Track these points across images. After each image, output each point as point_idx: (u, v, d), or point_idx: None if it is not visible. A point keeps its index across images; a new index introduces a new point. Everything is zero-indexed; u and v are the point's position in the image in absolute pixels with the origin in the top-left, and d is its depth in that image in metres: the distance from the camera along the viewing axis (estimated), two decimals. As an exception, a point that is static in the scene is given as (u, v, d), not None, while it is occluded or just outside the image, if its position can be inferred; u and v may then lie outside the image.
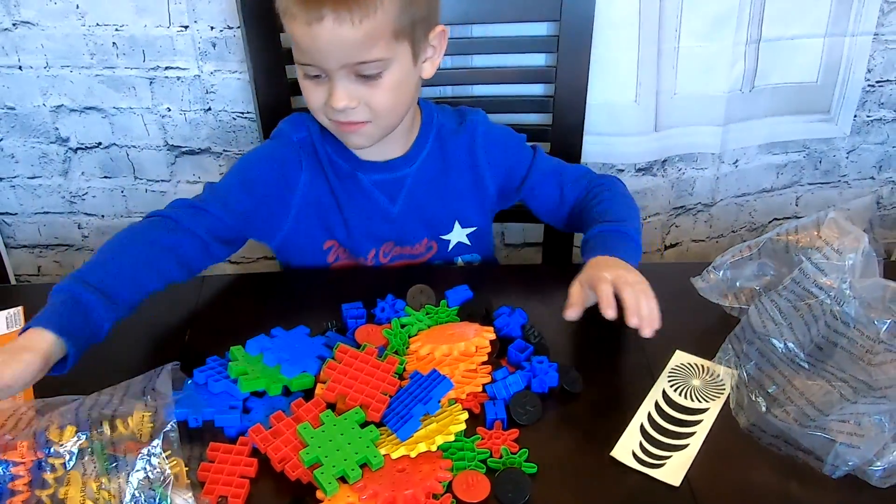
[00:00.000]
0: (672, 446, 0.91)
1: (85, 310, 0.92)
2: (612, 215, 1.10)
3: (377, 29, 0.98)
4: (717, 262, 1.05)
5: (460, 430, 0.89)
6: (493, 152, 1.20)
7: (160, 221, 1.05)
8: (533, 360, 0.98)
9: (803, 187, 1.65)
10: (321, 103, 1.05)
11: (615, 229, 1.07)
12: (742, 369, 0.96)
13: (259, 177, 1.13)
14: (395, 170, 1.17)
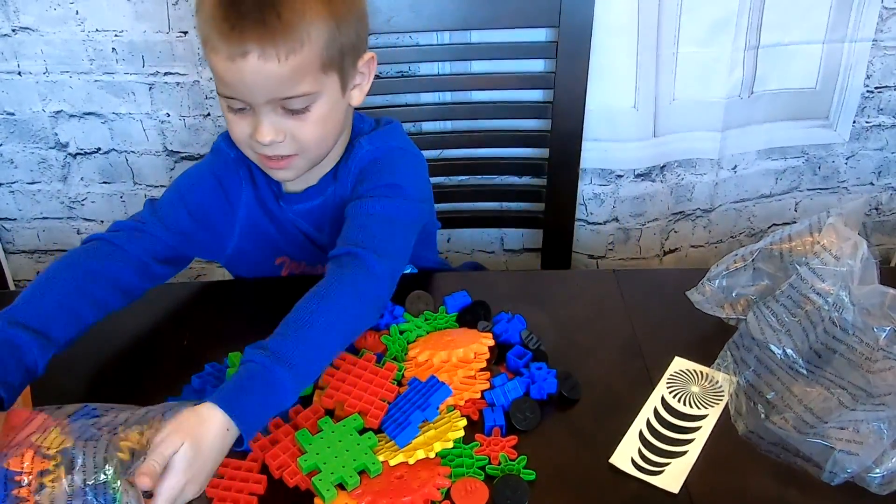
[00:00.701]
0: (671, 453, 0.91)
1: (18, 352, 0.88)
2: (288, 339, 0.87)
3: (304, 63, 0.92)
4: (713, 273, 1.05)
5: (459, 436, 0.89)
6: (353, 178, 1.07)
7: (98, 247, 1.01)
8: (532, 367, 0.98)
9: (802, 193, 1.65)
10: (246, 136, 0.98)
11: (270, 370, 0.84)
12: (741, 376, 0.95)
13: (199, 196, 1.08)
14: (310, 198, 1.10)
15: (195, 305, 1.13)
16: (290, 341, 0.87)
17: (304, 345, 0.87)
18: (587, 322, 1.08)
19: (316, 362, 0.90)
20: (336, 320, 0.91)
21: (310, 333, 0.88)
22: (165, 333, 1.09)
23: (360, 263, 0.95)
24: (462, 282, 1.17)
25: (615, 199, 1.56)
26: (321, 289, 0.92)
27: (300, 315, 0.90)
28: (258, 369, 0.85)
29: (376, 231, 0.99)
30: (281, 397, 0.85)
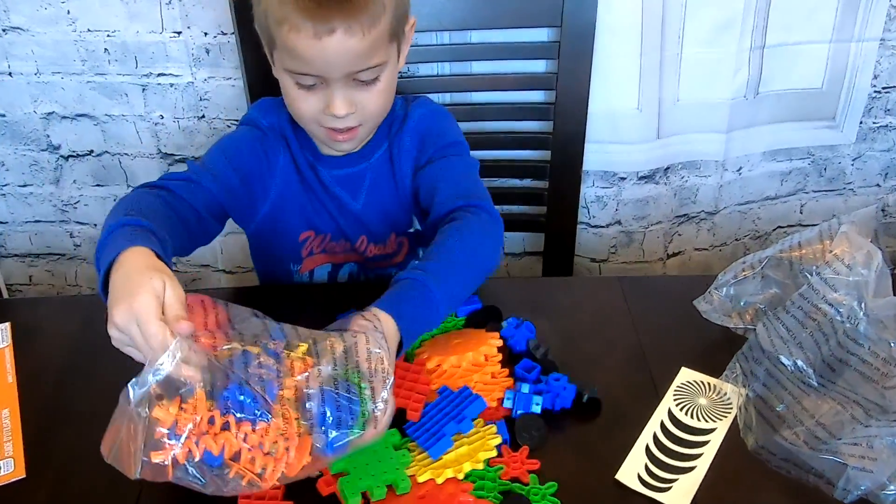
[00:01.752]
0: (679, 469, 0.88)
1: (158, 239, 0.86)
2: (435, 263, 0.92)
3: (381, 34, 0.96)
4: (720, 282, 1.02)
5: (491, 455, 0.86)
6: (416, 143, 1.11)
7: (157, 192, 0.98)
8: (549, 379, 0.95)
9: (808, 195, 1.63)
10: (316, 111, 1.01)
11: (424, 284, 0.89)
12: (749, 388, 0.93)
13: (244, 156, 1.08)
14: (353, 164, 1.12)
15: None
16: (438, 264, 0.92)
17: (449, 268, 0.93)
18: (592, 331, 1.05)
19: (460, 287, 0.95)
20: (473, 254, 0.96)
21: (453, 259, 0.94)
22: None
23: (481, 210, 1.00)
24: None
25: (618, 201, 1.54)
26: (456, 229, 0.97)
27: (442, 248, 0.94)
28: (413, 283, 0.89)
29: (471, 186, 1.06)
30: (433, 311, 0.90)
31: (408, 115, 1.12)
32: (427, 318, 0.91)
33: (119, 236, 0.84)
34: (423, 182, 1.09)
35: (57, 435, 0.92)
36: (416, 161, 1.11)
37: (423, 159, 1.10)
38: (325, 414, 0.77)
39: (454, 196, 1.03)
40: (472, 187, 1.06)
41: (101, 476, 0.79)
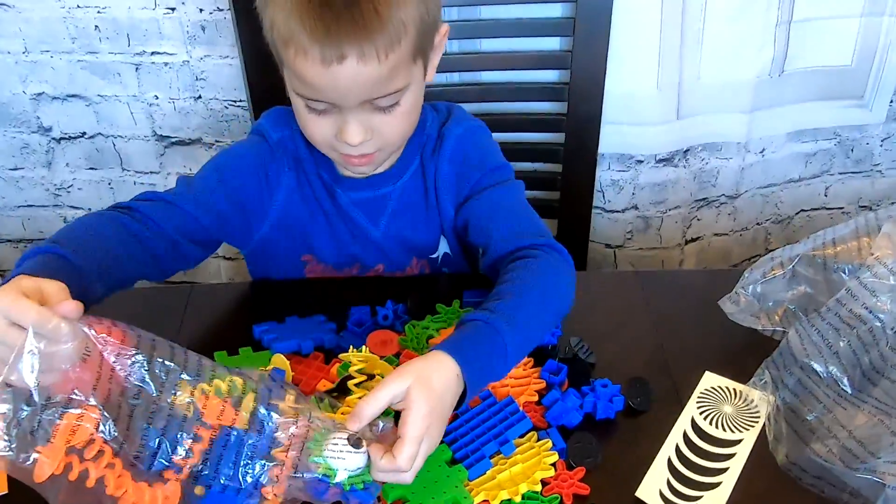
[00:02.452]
0: (703, 485, 0.82)
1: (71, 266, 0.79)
2: (506, 303, 0.85)
3: (401, 58, 0.86)
4: (746, 280, 0.95)
5: (548, 475, 0.81)
6: (455, 169, 1.03)
7: (126, 213, 0.93)
8: (597, 384, 0.89)
9: (833, 177, 1.56)
10: (329, 136, 0.93)
11: (495, 327, 0.82)
12: (779, 397, 0.87)
13: (240, 178, 1.01)
14: (376, 187, 1.04)
15: (184, 311, 1.05)
16: (508, 305, 0.85)
17: (521, 311, 0.85)
18: (608, 332, 0.99)
19: (533, 330, 0.88)
20: (547, 296, 0.89)
21: (525, 301, 0.86)
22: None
23: (551, 249, 0.93)
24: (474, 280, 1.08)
25: (635, 185, 1.47)
26: (527, 268, 0.89)
27: (512, 288, 0.87)
28: (481, 325, 0.82)
29: (531, 221, 0.99)
30: (502, 356, 0.82)
31: (443, 136, 1.03)
32: (495, 364, 0.83)
33: (26, 267, 0.76)
34: (473, 217, 1.01)
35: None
36: (458, 190, 1.04)
37: (466, 189, 1.03)
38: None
39: (515, 234, 0.95)
40: (532, 223, 0.99)
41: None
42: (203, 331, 1.01)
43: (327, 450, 0.73)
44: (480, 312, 0.84)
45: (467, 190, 1.03)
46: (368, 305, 1.02)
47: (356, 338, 0.97)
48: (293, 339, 0.95)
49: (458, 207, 1.04)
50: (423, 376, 0.76)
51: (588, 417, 0.88)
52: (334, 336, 0.97)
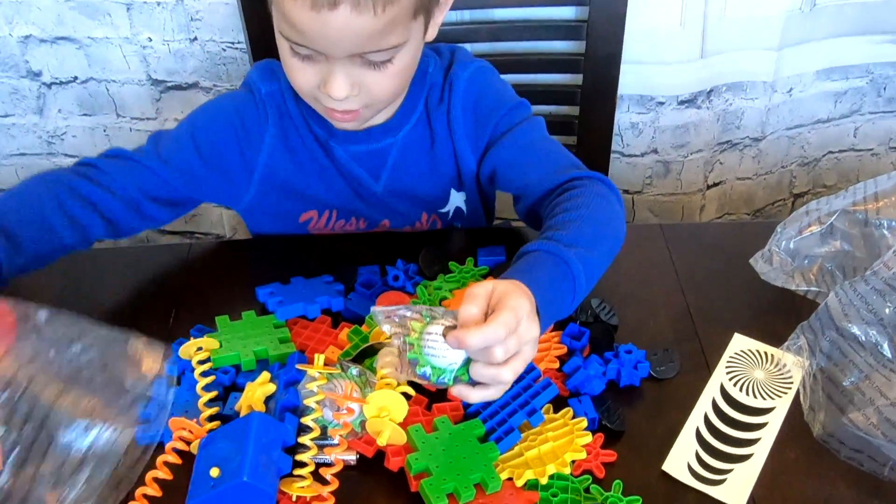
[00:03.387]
0: (734, 457, 0.78)
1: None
2: (567, 232, 0.81)
3: (400, 13, 0.80)
4: (780, 236, 0.89)
5: (579, 457, 0.76)
6: (470, 115, 0.98)
7: (87, 170, 0.92)
8: (621, 350, 0.85)
9: (863, 117, 1.48)
10: (311, 86, 0.87)
11: (559, 255, 0.78)
12: (814, 364, 0.81)
13: (214, 136, 0.96)
14: (375, 140, 0.98)
15: (184, 270, 1.00)
16: (571, 235, 0.80)
17: (584, 241, 0.80)
18: (631, 290, 0.93)
19: (597, 261, 0.83)
20: (603, 225, 0.85)
21: (586, 232, 0.82)
22: (149, 301, 0.96)
23: (594, 180, 0.89)
24: (488, 236, 1.02)
25: (655, 128, 1.40)
26: (577, 200, 0.85)
27: (570, 216, 0.83)
28: (550, 257, 0.78)
29: (563, 156, 0.94)
30: (572, 290, 0.78)
31: (451, 82, 0.96)
32: (566, 299, 0.78)
33: None
34: (501, 163, 0.96)
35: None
36: (477, 137, 0.98)
37: (486, 135, 0.97)
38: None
39: (552, 172, 0.91)
40: (566, 157, 0.94)
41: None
42: (203, 293, 0.96)
43: (426, 348, 0.71)
44: (545, 242, 0.79)
45: (487, 136, 0.97)
46: (377, 265, 0.97)
47: (365, 300, 0.92)
48: (298, 303, 0.90)
49: (481, 156, 0.99)
50: (515, 284, 0.72)
51: (611, 384, 0.84)
52: (342, 299, 0.92)
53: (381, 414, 0.75)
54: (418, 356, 0.71)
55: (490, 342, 0.68)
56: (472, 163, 1.00)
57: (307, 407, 0.75)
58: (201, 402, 0.79)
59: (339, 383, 0.77)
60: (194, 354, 0.83)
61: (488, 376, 0.71)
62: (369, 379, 0.79)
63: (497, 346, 0.68)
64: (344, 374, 0.78)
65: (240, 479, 0.67)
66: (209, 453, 0.71)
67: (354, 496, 0.74)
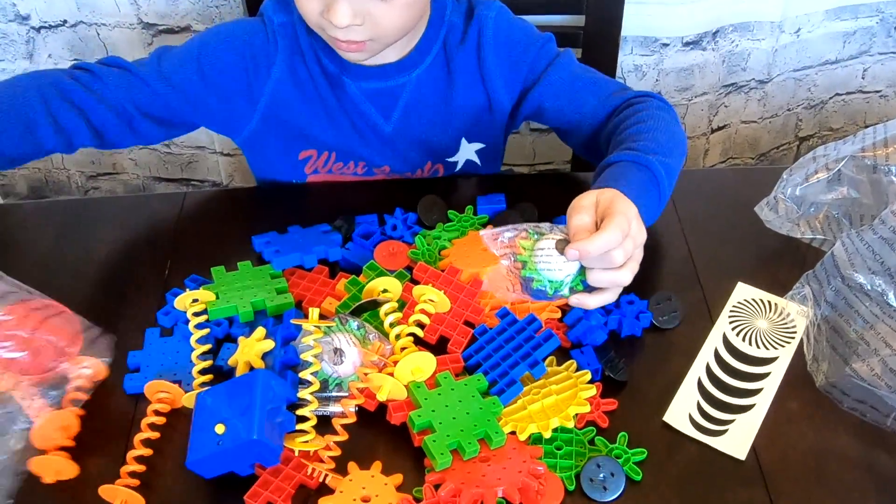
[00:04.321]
0: (735, 407, 0.77)
1: None
2: (643, 142, 0.84)
3: None
4: (786, 183, 0.87)
5: (583, 411, 0.75)
6: (505, 56, 0.96)
7: (82, 76, 0.90)
8: (622, 301, 0.83)
9: (872, 58, 1.44)
10: (316, 13, 0.84)
11: (642, 162, 0.81)
12: (819, 314, 0.80)
13: (219, 61, 0.93)
14: (389, 77, 0.95)
15: (177, 220, 0.98)
16: (649, 146, 0.82)
17: (659, 148, 0.83)
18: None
19: (673, 169, 0.84)
20: (672, 137, 0.86)
21: (661, 142, 0.83)
22: (144, 251, 0.94)
23: (648, 97, 0.91)
24: (487, 185, 1.00)
25: (659, 71, 1.36)
26: (642, 113, 0.87)
27: (640, 128, 0.85)
28: (636, 166, 0.80)
29: (608, 81, 0.95)
30: (658, 197, 0.81)
31: (479, 23, 0.94)
32: (656, 205, 0.82)
33: None
34: (547, 101, 0.96)
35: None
36: (512, 77, 0.97)
37: (522, 75, 0.96)
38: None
39: (604, 98, 0.93)
40: (610, 81, 0.95)
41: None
42: (199, 243, 0.95)
43: (540, 263, 0.72)
44: (625, 153, 0.82)
45: (523, 75, 0.97)
46: (375, 214, 0.95)
47: (362, 250, 0.91)
48: (295, 253, 0.89)
49: (520, 95, 0.98)
50: (617, 192, 0.75)
51: (612, 335, 0.83)
52: (339, 249, 0.90)
53: (414, 375, 0.75)
54: (533, 273, 0.72)
55: (609, 247, 0.69)
56: (507, 103, 0.98)
57: (305, 361, 0.74)
58: (195, 355, 0.78)
59: (336, 337, 0.76)
60: (189, 306, 0.82)
61: (607, 280, 0.72)
62: (368, 332, 0.78)
63: (616, 250, 0.70)
64: (342, 327, 0.77)
65: (249, 437, 0.67)
66: (212, 409, 0.70)
67: (357, 449, 0.73)
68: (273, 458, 0.69)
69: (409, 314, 0.81)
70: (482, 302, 0.84)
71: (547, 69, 0.95)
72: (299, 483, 0.70)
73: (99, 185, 1.52)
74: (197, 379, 0.77)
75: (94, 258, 0.93)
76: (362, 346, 0.76)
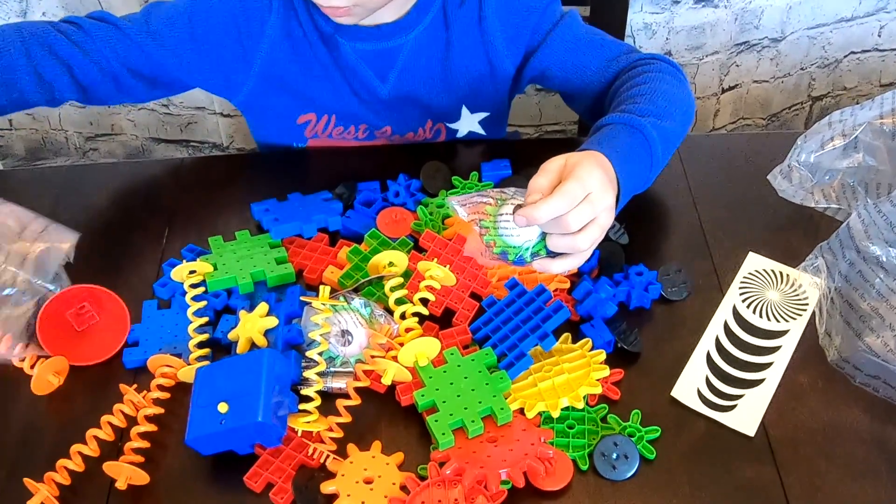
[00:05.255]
0: (745, 382, 0.76)
1: None
2: (639, 104, 0.81)
3: None
4: (800, 149, 0.84)
5: (594, 392, 0.73)
6: (507, 19, 0.93)
7: (67, 28, 0.88)
8: (631, 272, 0.82)
9: (889, 15, 1.40)
10: None
11: (633, 124, 0.78)
12: (832, 287, 0.78)
13: (212, 20, 0.90)
14: (386, 37, 0.92)
15: (175, 185, 0.96)
16: (647, 109, 0.80)
17: (657, 111, 0.80)
18: (643, 208, 0.89)
19: (672, 135, 0.82)
20: (675, 101, 0.83)
21: (660, 105, 0.81)
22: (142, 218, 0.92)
23: (655, 59, 0.88)
24: (494, 149, 0.98)
25: (669, 29, 1.33)
26: (647, 76, 0.84)
27: (642, 90, 0.82)
28: (629, 129, 0.78)
29: (614, 43, 0.92)
30: (649, 165, 0.79)
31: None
32: (644, 172, 0.79)
33: None
34: (552, 64, 0.93)
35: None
36: (516, 41, 0.93)
37: (526, 38, 0.93)
38: None
39: (609, 61, 0.90)
40: (617, 44, 0.92)
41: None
42: (197, 210, 0.93)
43: (501, 229, 0.71)
44: (618, 115, 0.79)
45: (527, 39, 0.94)
46: (378, 181, 0.92)
47: (364, 218, 0.89)
48: (294, 222, 0.87)
49: (524, 59, 0.95)
50: (590, 154, 0.72)
51: (621, 307, 0.81)
52: (339, 217, 0.88)
53: (418, 359, 0.74)
54: (494, 238, 0.71)
55: (557, 213, 0.67)
56: (510, 67, 0.95)
57: (312, 341, 0.72)
58: (192, 328, 0.76)
59: (343, 317, 0.74)
60: (187, 278, 0.80)
61: (564, 246, 0.70)
62: (375, 312, 0.76)
63: (569, 215, 0.67)
64: (348, 307, 0.75)
65: (254, 419, 0.65)
66: (214, 386, 0.69)
67: (357, 428, 0.72)
68: (275, 440, 0.68)
69: (414, 286, 0.79)
70: (489, 273, 0.82)
71: (551, 32, 0.92)
72: (300, 464, 0.69)
73: (97, 147, 1.49)
74: (194, 353, 0.75)
75: (92, 226, 0.91)
76: (369, 326, 0.74)
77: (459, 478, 0.66)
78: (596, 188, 0.69)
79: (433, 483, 0.66)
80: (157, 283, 0.83)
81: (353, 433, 0.71)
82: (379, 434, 0.72)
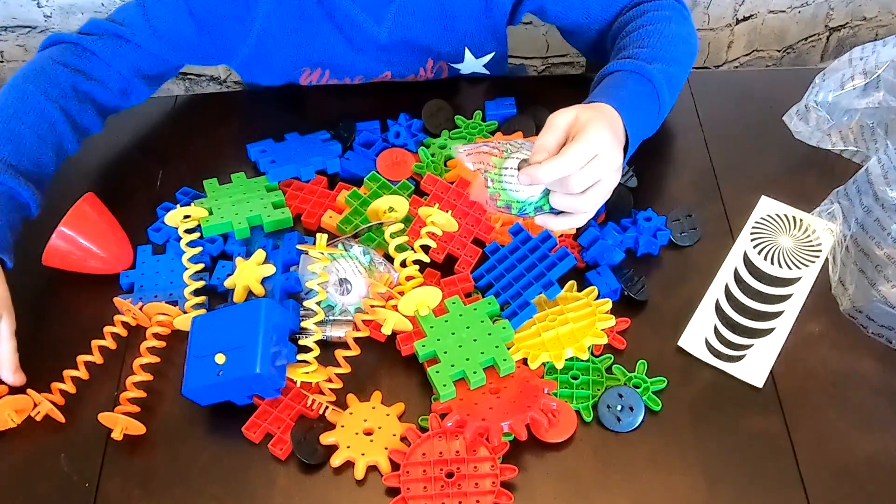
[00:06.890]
0: (754, 331, 0.74)
1: (15, 202, 0.77)
2: (646, 49, 0.79)
3: None
4: (818, 88, 0.81)
5: (600, 342, 0.71)
6: None
7: (79, 63, 0.83)
8: (639, 217, 0.79)
9: (913, -60, 1.34)
10: None
11: (642, 72, 0.76)
12: (847, 234, 0.76)
13: (209, 2, 0.86)
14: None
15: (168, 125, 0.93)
16: (653, 53, 0.78)
17: (662, 52, 0.78)
18: (652, 149, 0.85)
19: (677, 77, 0.80)
20: (680, 41, 0.81)
21: (666, 47, 0.79)
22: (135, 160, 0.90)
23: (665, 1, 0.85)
24: (498, 87, 0.94)
25: (683, -44, 1.27)
26: (652, 16, 0.82)
27: (647, 31, 0.80)
28: (636, 77, 0.76)
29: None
30: (656, 110, 0.77)
31: None
32: (651, 119, 0.78)
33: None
34: (547, 4, 0.88)
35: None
36: None
37: None
38: None
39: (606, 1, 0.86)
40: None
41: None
42: (191, 151, 0.90)
43: (505, 183, 0.69)
44: (625, 62, 0.77)
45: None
46: (377, 120, 0.89)
47: (363, 159, 0.86)
48: (291, 164, 0.84)
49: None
50: (599, 109, 0.70)
51: (628, 253, 0.78)
52: (338, 159, 0.85)
53: (419, 308, 0.72)
54: (499, 191, 0.69)
55: (563, 174, 0.65)
56: (507, 6, 0.90)
57: (310, 290, 0.70)
58: (187, 275, 0.74)
59: (342, 265, 0.72)
60: (181, 223, 0.78)
61: (567, 205, 0.69)
62: (374, 258, 0.74)
63: (573, 177, 0.66)
64: (347, 254, 0.73)
65: (252, 371, 0.64)
66: (211, 337, 0.67)
67: (356, 378, 0.71)
68: (273, 391, 0.67)
69: (415, 233, 0.77)
70: (493, 218, 0.80)
71: None
72: (298, 414, 0.68)
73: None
74: (190, 300, 0.73)
75: (84, 168, 0.88)
76: (368, 275, 0.72)
77: (461, 430, 0.65)
78: (603, 149, 0.66)
79: (434, 435, 0.65)
80: (150, 227, 0.81)
81: (353, 383, 0.70)
82: (379, 384, 0.71)
